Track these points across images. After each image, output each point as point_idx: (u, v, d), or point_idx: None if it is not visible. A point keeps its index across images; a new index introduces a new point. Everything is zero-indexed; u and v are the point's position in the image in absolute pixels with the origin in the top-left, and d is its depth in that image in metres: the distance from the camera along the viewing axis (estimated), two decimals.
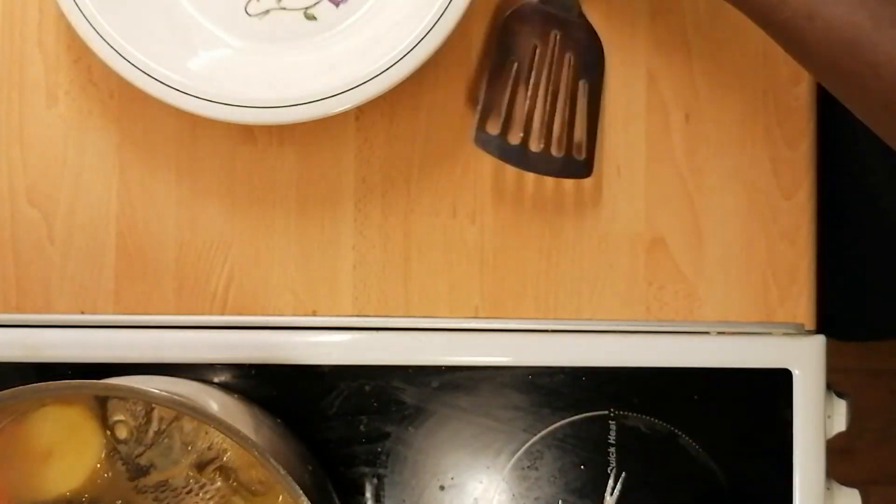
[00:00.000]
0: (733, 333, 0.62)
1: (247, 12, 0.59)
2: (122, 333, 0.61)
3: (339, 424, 0.60)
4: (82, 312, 0.62)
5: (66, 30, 0.62)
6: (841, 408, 0.62)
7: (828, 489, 0.61)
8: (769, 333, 0.62)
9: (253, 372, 0.60)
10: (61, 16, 0.62)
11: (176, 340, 0.61)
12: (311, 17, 0.59)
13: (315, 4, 0.59)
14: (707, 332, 0.62)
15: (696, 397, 0.61)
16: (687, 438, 0.61)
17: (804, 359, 0.61)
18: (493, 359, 0.61)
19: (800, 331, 0.62)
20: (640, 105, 0.63)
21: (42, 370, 0.60)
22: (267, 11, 0.59)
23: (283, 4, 0.59)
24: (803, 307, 0.62)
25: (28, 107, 0.62)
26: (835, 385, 0.63)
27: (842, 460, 0.64)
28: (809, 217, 0.63)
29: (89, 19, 0.57)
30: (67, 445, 0.51)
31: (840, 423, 0.62)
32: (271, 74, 0.59)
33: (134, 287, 0.62)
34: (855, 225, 0.77)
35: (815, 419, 0.61)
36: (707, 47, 0.63)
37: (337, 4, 0.59)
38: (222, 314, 0.62)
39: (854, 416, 0.63)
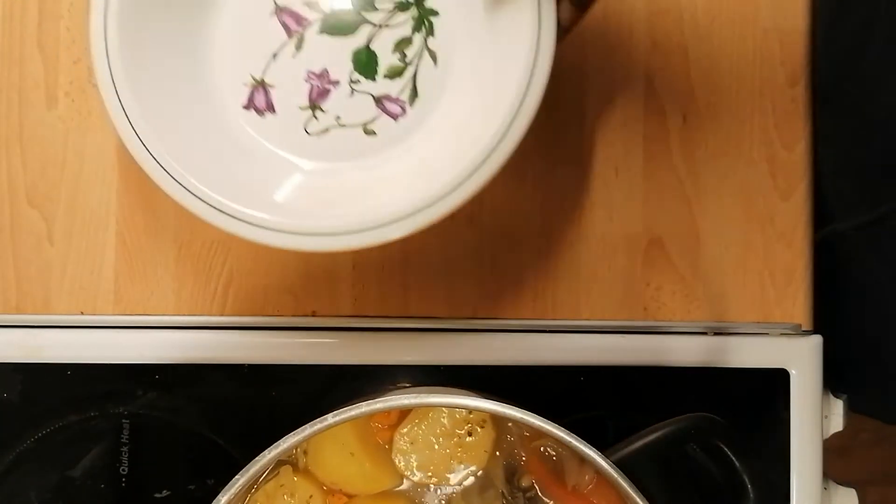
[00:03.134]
0: (730, 334, 0.62)
1: (306, 132, 0.59)
2: (122, 334, 0.61)
3: None
4: (82, 313, 0.62)
5: (65, 31, 0.62)
6: (838, 407, 0.63)
7: (825, 489, 0.62)
8: (766, 334, 0.62)
9: (252, 372, 0.60)
10: (61, 16, 0.62)
11: (176, 341, 0.61)
12: (371, 133, 0.59)
13: (373, 120, 0.58)
14: (704, 333, 0.62)
15: (693, 397, 0.61)
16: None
17: (801, 359, 0.61)
18: (491, 359, 0.61)
19: (797, 331, 0.62)
20: (638, 107, 0.63)
21: (42, 371, 0.60)
22: (326, 129, 0.59)
23: (342, 122, 0.59)
24: (800, 307, 0.63)
25: (28, 107, 0.62)
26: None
27: (839, 460, 0.65)
28: (806, 218, 0.63)
29: (176, 177, 0.55)
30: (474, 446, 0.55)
31: (837, 423, 0.63)
32: (343, 195, 0.58)
33: (134, 287, 0.62)
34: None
35: (812, 419, 0.61)
36: (704, 49, 0.63)
37: (395, 118, 0.59)
38: (222, 315, 0.62)
39: (851, 416, 0.63)
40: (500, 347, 0.61)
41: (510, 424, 0.55)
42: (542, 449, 0.54)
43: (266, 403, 0.60)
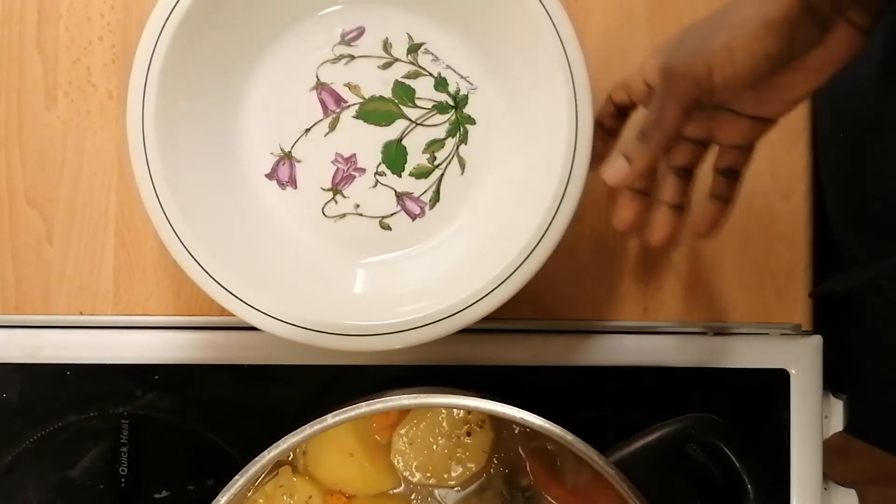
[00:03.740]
0: (730, 334, 0.62)
1: (323, 213, 0.58)
2: (122, 334, 0.61)
3: None
4: (81, 313, 0.62)
5: (64, 31, 0.62)
6: (838, 408, 0.63)
7: (825, 489, 0.62)
8: (766, 334, 0.62)
9: (252, 372, 0.60)
10: (60, 17, 0.62)
11: (175, 341, 0.61)
12: (386, 228, 0.59)
13: (391, 215, 0.58)
14: (704, 333, 0.62)
15: (693, 397, 0.61)
16: None
17: (801, 359, 0.61)
18: (491, 359, 0.61)
19: (797, 331, 0.62)
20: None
21: (42, 371, 0.60)
22: (343, 215, 0.59)
23: (360, 210, 0.58)
24: (800, 308, 0.63)
25: (27, 108, 0.62)
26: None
27: (839, 460, 0.65)
28: (806, 218, 0.63)
29: (261, 309, 0.55)
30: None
31: (837, 423, 0.63)
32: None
33: (133, 288, 0.62)
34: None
35: (811, 419, 0.61)
36: None
37: (413, 218, 0.58)
38: (221, 315, 0.62)
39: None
40: (500, 347, 0.61)
41: (508, 425, 0.55)
42: (540, 448, 0.54)
43: (265, 403, 0.60)
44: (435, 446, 0.55)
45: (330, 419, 0.50)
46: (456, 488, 0.55)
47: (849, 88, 0.57)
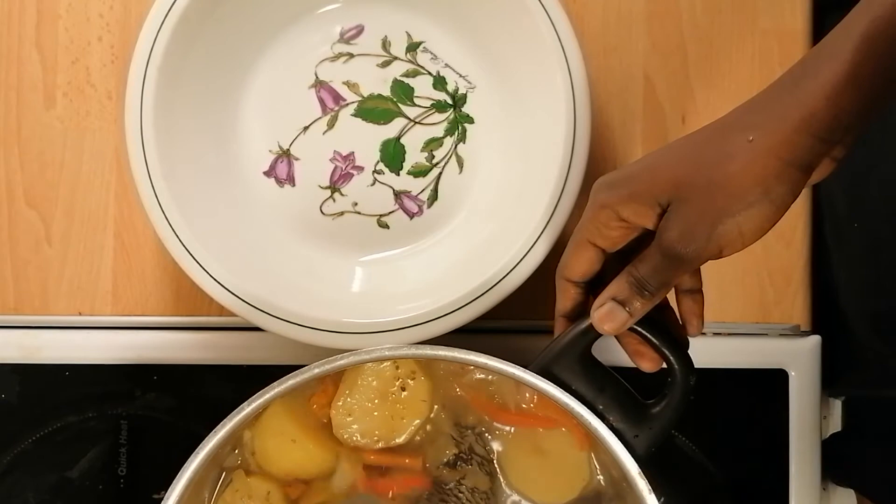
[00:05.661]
0: (729, 334, 0.62)
1: (321, 211, 0.59)
2: (121, 334, 0.61)
3: None
4: (80, 314, 0.62)
5: (63, 31, 0.62)
6: (836, 408, 0.63)
7: (823, 489, 0.62)
8: (765, 334, 0.62)
9: (251, 372, 0.60)
10: (59, 16, 0.62)
11: (174, 341, 0.61)
12: (384, 226, 0.59)
13: (389, 213, 0.59)
14: (703, 333, 0.62)
15: (692, 398, 0.61)
16: (683, 439, 0.61)
17: (800, 359, 0.61)
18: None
19: (795, 332, 0.62)
20: (637, 107, 0.63)
21: (40, 371, 0.60)
22: (341, 213, 0.59)
23: (358, 209, 0.59)
24: (799, 308, 0.63)
25: (26, 108, 0.62)
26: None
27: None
28: (805, 219, 0.63)
29: (266, 310, 0.56)
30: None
31: (835, 424, 0.63)
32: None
33: (132, 288, 0.62)
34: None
35: (810, 420, 0.61)
36: (703, 50, 0.63)
37: (411, 216, 0.59)
38: (220, 315, 0.62)
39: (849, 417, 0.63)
40: (499, 348, 0.61)
41: (439, 369, 0.55)
42: (475, 381, 0.54)
43: None
44: (375, 411, 0.54)
45: (316, 369, 0.50)
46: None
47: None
